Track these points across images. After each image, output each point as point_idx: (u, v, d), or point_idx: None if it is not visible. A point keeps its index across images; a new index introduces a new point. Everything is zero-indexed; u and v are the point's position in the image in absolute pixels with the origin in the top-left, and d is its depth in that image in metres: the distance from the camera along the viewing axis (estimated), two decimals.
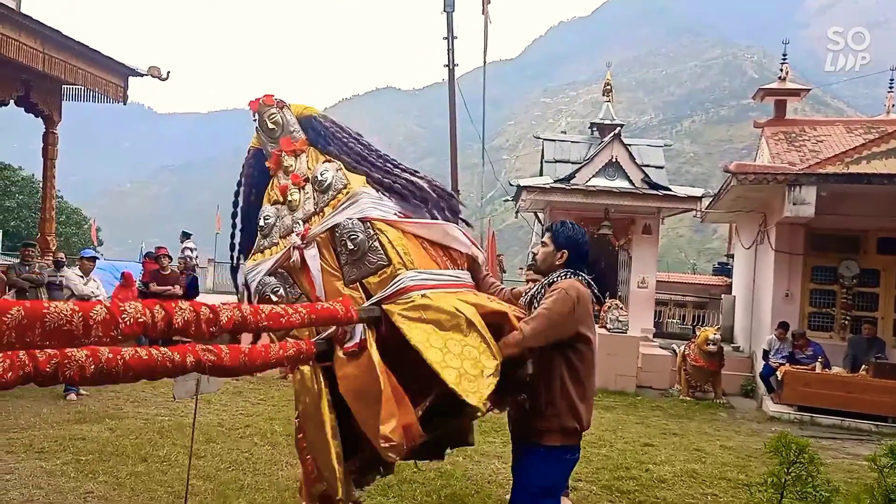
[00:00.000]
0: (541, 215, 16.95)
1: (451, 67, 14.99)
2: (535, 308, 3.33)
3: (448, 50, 14.83)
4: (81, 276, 9.49)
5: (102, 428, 7.38)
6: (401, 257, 3.38)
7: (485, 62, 15.07)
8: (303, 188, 3.79)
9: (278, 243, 3.77)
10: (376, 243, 3.41)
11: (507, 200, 17.76)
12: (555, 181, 14.28)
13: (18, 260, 10.45)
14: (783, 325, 12.00)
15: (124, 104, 11.94)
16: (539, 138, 16.75)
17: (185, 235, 15.16)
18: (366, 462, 3.56)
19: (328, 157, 3.79)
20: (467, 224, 3.95)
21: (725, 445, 8.51)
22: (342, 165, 3.72)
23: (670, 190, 14.24)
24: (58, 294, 9.98)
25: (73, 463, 6.10)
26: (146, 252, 13.76)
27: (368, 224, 3.43)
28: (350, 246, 3.43)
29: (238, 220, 4.14)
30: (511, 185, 15.44)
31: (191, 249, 15.05)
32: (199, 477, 5.88)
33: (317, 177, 3.72)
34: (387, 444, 3.04)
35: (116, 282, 13.59)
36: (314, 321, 3.05)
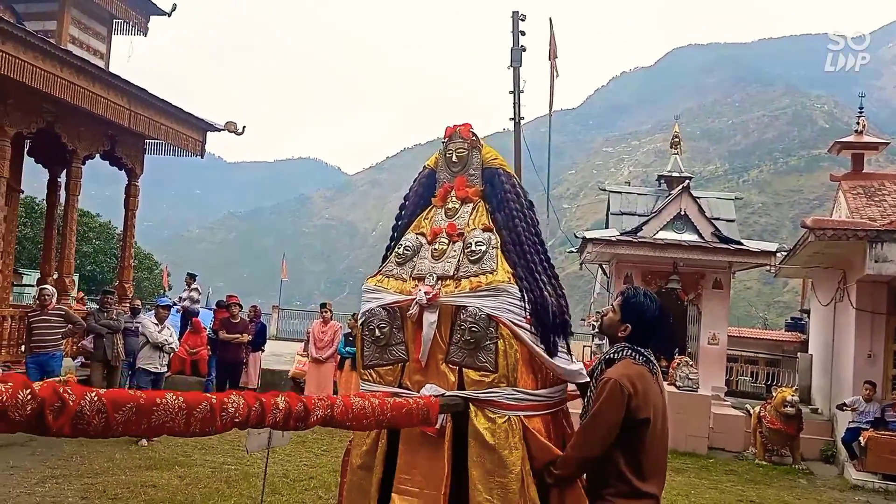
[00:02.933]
0: (606, 267, 16.74)
1: (517, 121, 15.18)
2: (593, 386, 3.33)
3: (514, 104, 15.04)
4: (157, 324, 9.77)
5: (172, 475, 7.49)
6: (507, 370, 3.38)
7: (550, 115, 15.21)
8: (453, 242, 3.72)
9: (406, 280, 3.72)
10: (493, 345, 3.39)
11: (572, 251, 17.61)
12: (621, 234, 14.09)
13: (97, 306, 10.84)
14: (871, 384, 11.39)
15: (202, 157, 12.43)
16: (605, 190, 16.63)
17: (192, 277, 15.40)
18: None
19: (491, 224, 3.72)
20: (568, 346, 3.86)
21: None
22: (499, 243, 3.64)
23: (742, 244, 13.88)
24: (133, 339, 10.29)
25: None
26: (217, 301, 14.09)
27: (494, 324, 3.39)
28: (468, 336, 3.41)
29: (396, 234, 4.09)
30: (576, 236, 15.32)
31: (198, 291, 15.24)
32: None
33: (471, 242, 3.64)
34: None
35: (188, 328, 14.02)
36: (393, 424, 3.11)
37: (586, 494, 3.42)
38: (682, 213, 13.97)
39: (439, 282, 3.61)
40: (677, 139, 16.35)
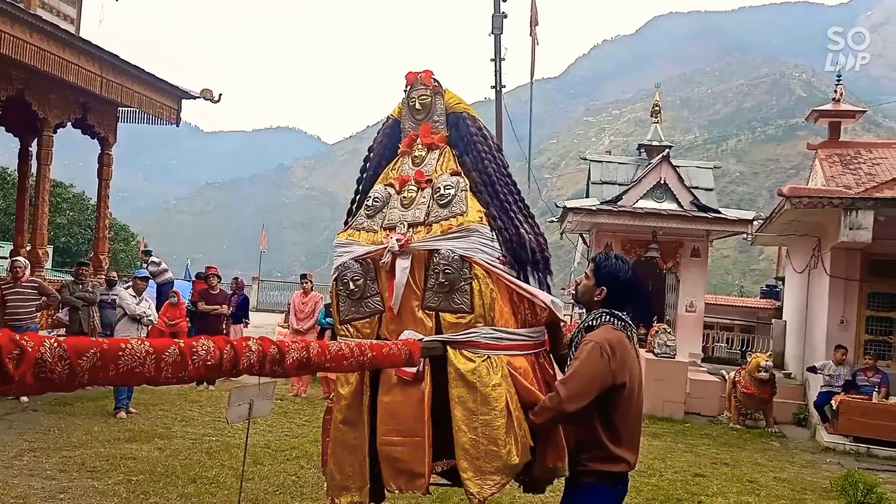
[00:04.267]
0: (586, 236, 16.81)
1: (498, 89, 15.02)
2: (572, 353, 3.34)
3: (496, 72, 14.87)
4: (134, 296, 9.66)
5: (152, 447, 7.46)
6: (483, 310, 3.36)
7: (531, 84, 15.09)
8: (422, 189, 3.68)
9: (377, 232, 3.68)
10: (467, 286, 3.36)
11: (552, 221, 17.64)
12: (601, 203, 14.14)
13: (72, 278, 10.70)
14: (842, 348, 11.59)
15: (177, 126, 12.21)
16: (586, 159, 16.65)
17: (146, 254, 15.29)
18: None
19: (458, 168, 3.68)
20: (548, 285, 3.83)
21: (779, 477, 8.24)
22: (468, 185, 3.61)
23: (720, 212, 13.99)
24: (110, 312, 10.18)
25: (124, 483, 6.17)
26: (196, 273, 13.97)
27: (468, 264, 3.36)
28: (442, 278, 3.38)
29: (362, 188, 4.03)
30: (557, 206, 15.34)
31: (155, 264, 15.07)
32: (247, 500, 5.89)
33: (440, 187, 3.61)
34: (407, 486, 3.40)
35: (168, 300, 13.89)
36: (375, 364, 3.06)
37: (571, 452, 3.45)
38: (662, 182, 14.04)
39: (410, 229, 3.57)
40: (658, 108, 16.34)
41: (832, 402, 11.06)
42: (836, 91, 15.89)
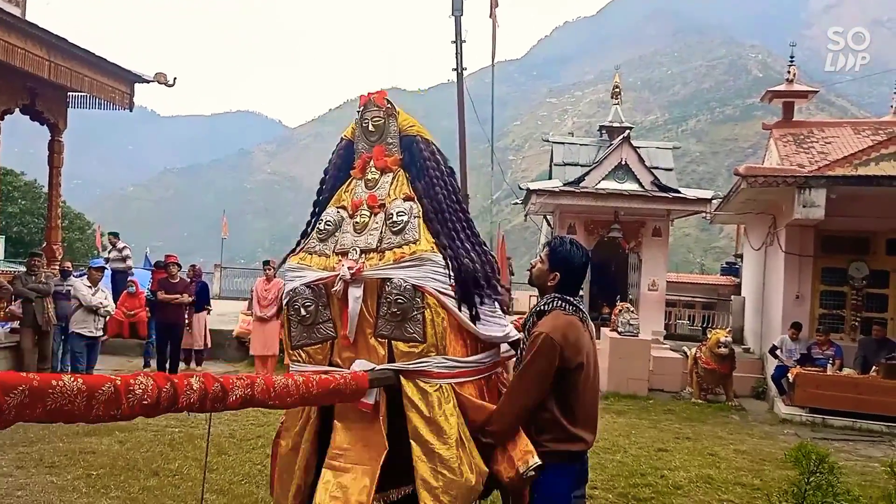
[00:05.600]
0: (550, 218, 16.89)
1: (459, 71, 14.98)
2: (525, 338, 3.38)
3: (457, 54, 14.82)
4: (90, 286, 9.43)
5: (112, 441, 7.32)
6: (436, 339, 3.35)
7: (493, 67, 15.04)
8: (375, 214, 3.62)
9: (329, 256, 3.62)
10: (420, 315, 3.34)
11: (516, 203, 17.68)
12: (564, 184, 14.20)
13: (24, 269, 10.41)
14: (796, 326, 11.90)
15: (130, 111, 11.89)
16: (548, 141, 16.68)
17: (114, 235, 15.04)
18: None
19: (412, 193, 3.63)
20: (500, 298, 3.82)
21: (739, 449, 8.42)
22: (420, 212, 3.56)
23: (680, 192, 14.15)
24: (64, 303, 9.94)
25: (84, 478, 6.04)
26: (156, 262, 13.70)
27: (420, 294, 3.33)
28: (394, 308, 3.35)
29: (318, 210, 3.95)
30: (521, 188, 15.36)
31: (128, 250, 14.96)
32: (212, 490, 5.82)
33: (392, 213, 3.56)
34: None
35: (121, 288, 13.63)
36: (321, 399, 3.04)
37: (531, 435, 3.48)
38: (623, 162, 14.14)
39: (363, 255, 3.52)
40: (618, 89, 16.43)
41: (788, 375, 11.33)
42: (789, 71, 16.13)
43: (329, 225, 3.70)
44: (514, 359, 3.59)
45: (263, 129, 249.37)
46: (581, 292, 5.80)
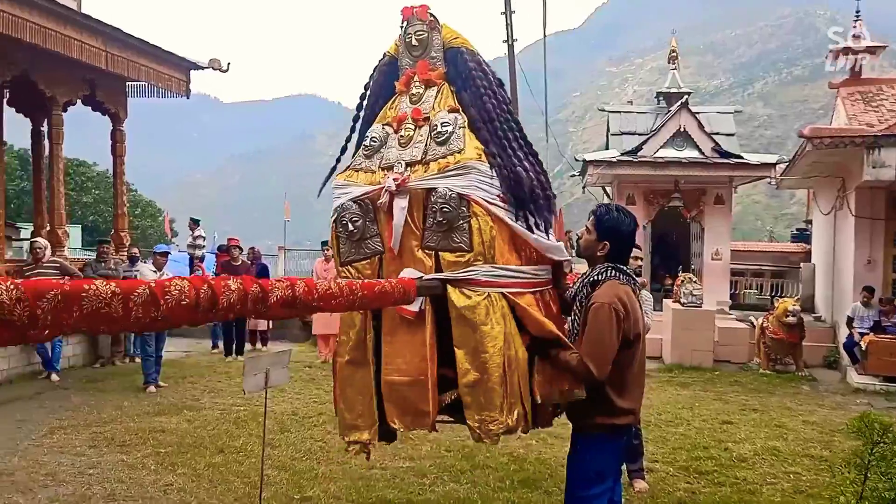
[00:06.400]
0: (609, 189, 16.57)
1: (510, 43, 14.77)
2: (577, 308, 3.31)
3: (506, 25, 14.60)
4: (155, 271, 9.70)
5: (181, 419, 7.55)
6: (483, 248, 3.30)
7: (545, 34, 14.75)
8: (419, 127, 3.59)
9: (375, 172, 3.62)
10: (466, 224, 3.30)
11: (574, 175, 17.39)
12: (621, 154, 13.87)
13: (95, 256, 10.79)
14: (868, 290, 11.36)
15: (187, 98, 12.12)
16: (604, 110, 16.31)
17: (195, 222, 15.37)
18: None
19: (457, 105, 3.58)
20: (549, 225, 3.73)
21: (808, 420, 8.14)
22: (466, 122, 3.50)
23: (742, 158, 13.64)
24: None
25: (153, 455, 6.25)
26: (218, 245, 14.05)
27: (466, 202, 3.29)
28: (439, 217, 3.32)
29: (359, 126, 3.96)
30: (576, 159, 15.08)
31: (203, 238, 15.28)
32: (274, 467, 5.95)
33: (437, 124, 3.51)
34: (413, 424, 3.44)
35: (192, 273, 14.03)
36: (367, 303, 3.00)
37: (568, 418, 3.45)
38: (682, 129, 13.71)
39: (408, 168, 3.50)
40: (675, 54, 15.90)
41: (861, 343, 10.87)
42: (855, 26, 15.29)
43: (374, 141, 3.70)
44: (569, 326, 3.50)
45: (324, 112, 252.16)
46: (640, 262, 5.67)
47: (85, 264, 10.61)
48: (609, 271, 3.27)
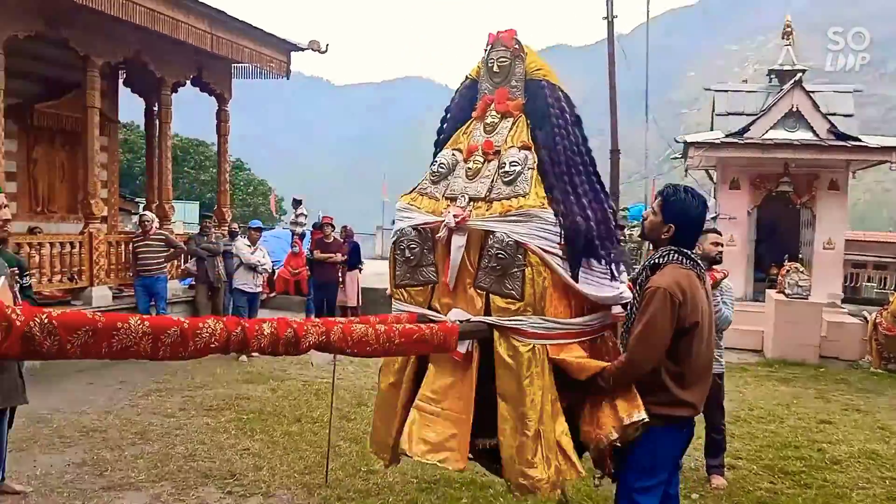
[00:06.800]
0: (713, 173, 15.85)
1: (610, 20, 14.33)
2: (636, 292, 3.18)
3: (607, 1, 14.17)
4: (249, 245, 10.08)
5: (265, 388, 7.84)
6: (534, 299, 3.24)
7: (648, 11, 14.22)
8: (489, 161, 3.54)
9: (439, 200, 3.60)
10: (520, 273, 3.25)
11: (675, 158, 16.74)
12: (726, 136, 13.20)
13: (198, 231, 11.33)
14: None
15: (287, 78, 12.45)
16: (709, 90, 15.56)
17: (297, 203, 15.78)
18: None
19: (529, 142, 3.49)
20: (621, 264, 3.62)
21: None
22: (536, 163, 3.42)
23: (860, 140, 12.68)
24: (230, 261, 10.71)
25: (235, 421, 6.53)
26: (313, 223, 14.47)
27: (522, 251, 3.23)
28: (494, 262, 3.28)
29: (438, 149, 3.93)
30: (676, 140, 14.49)
31: (304, 216, 15.71)
32: (347, 439, 6.07)
33: (506, 162, 3.45)
34: (443, 462, 3.35)
35: (290, 249, 14.55)
36: (404, 350, 3.04)
37: None
38: (794, 109, 12.89)
39: (471, 203, 3.45)
40: (789, 29, 14.90)
41: None
42: None
43: (442, 168, 3.68)
44: (625, 317, 3.38)
45: (432, 94, 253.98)
46: (720, 248, 5.37)
47: (189, 237, 11.14)
48: (671, 255, 3.12)
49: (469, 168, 3.57)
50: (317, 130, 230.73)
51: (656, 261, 3.15)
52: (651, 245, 3.35)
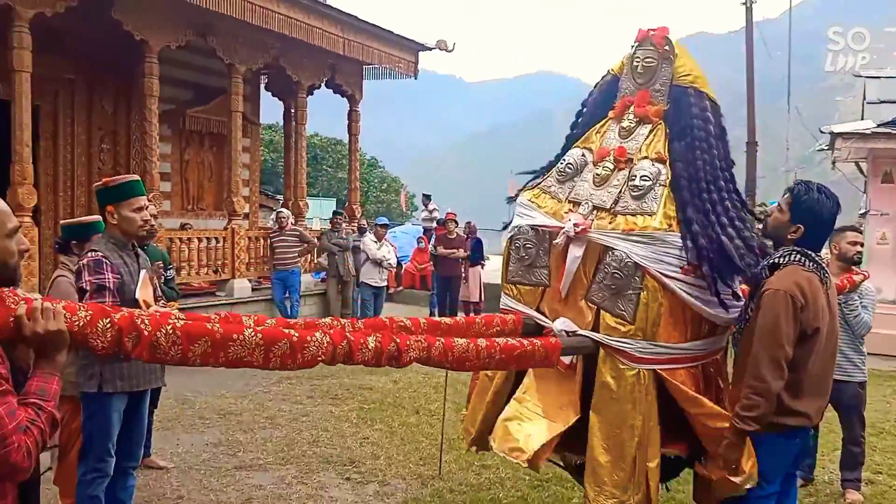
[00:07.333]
0: (863, 166, 14.72)
1: (748, 5, 13.63)
2: (755, 293, 3.01)
3: None
4: (376, 241, 10.44)
5: (388, 380, 8.10)
6: (646, 324, 3.14)
7: None
8: (619, 169, 3.38)
9: (562, 202, 3.51)
10: (635, 296, 3.14)
11: (821, 149, 15.67)
12: (877, 125, 12.22)
13: (329, 227, 11.85)
14: None
15: (415, 78, 12.74)
16: (859, 76, 14.45)
17: (427, 198, 16.01)
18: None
19: (664, 154, 3.33)
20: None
21: None
22: (669, 179, 3.27)
23: None
24: (359, 256, 11.13)
25: (357, 410, 6.81)
26: (437, 219, 14.78)
27: (641, 273, 3.13)
28: (609, 280, 3.20)
29: (567, 145, 3.82)
30: (821, 131, 13.57)
31: (437, 212, 16.04)
32: (462, 431, 6.16)
33: (636, 175, 3.29)
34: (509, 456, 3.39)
35: (416, 245, 14.94)
36: (504, 365, 3.05)
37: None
38: None
39: (594, 212, 3.35)
40: None
41: None
42: None
43: (570, 168, 3.57)
44: (735, 325, 3.24)
45: (563, 88, 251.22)
46: (860, 248, 5.01)
47: (321, 233, 11.67)
48: (793, 255, 2.95)
49: (598, 174, 3.43)
50: (448, 127, 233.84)
51: (776, 260, 2.99)
52: (773, 243, 3.17)
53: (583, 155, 3.58)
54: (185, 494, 4.71)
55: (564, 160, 3.62)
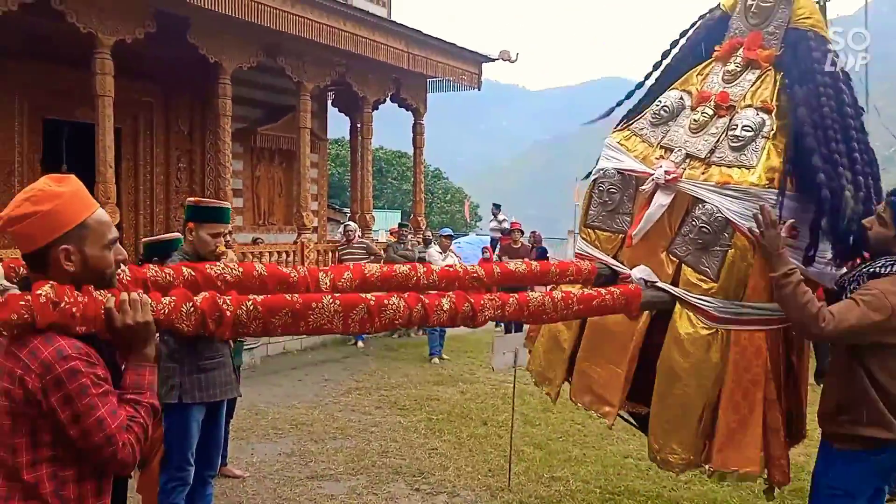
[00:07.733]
0: None
1: (822, 4, 13.21)
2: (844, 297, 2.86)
3: None
4: (440, 252, 10.51)
5: (455, 391, 8.14)
6: (729, 283, 3.00)
7: None
8: (720, 116, 3.17)
9: (653, 146, 3.34)
10: (721, 253, 3.00)
11: None
12: None
13: (395, 239, 12.01)
14: None
15: (479, 89, 12.86)
16: None
17: (497, 207, 16.01)
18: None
19: (771, 104, 3.12)
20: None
21: None
22: (774, 130, 3.05)
23: None
24: None
25: (425, 421, 6.87)
26: (501, 229, 14.77)
27: (731, 230, 2.97)
28: (696, 234, 3.05)
29: (656, 79, 3.67)
30: None
31: (507, 221, 15.96)
32: (531, 444, 6.17)
33: (737, 125, 3.08)
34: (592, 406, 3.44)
35: (480, 256, 14.96)
36: (581, 315, 3.01)
37: (819, 424, 3.04)
38: None
39: (687, 160, 3.17)
40: None
41: None
42: None
43: (665, 111, 3.39)
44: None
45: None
46: None
47: (388, 245, 11.83)
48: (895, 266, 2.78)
49: (695, 119, 3.23)
50: (512, 136, 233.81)
51: (877, 270, 2.83)
52: (870, 255, 2.98)
53: (681, 98, 3.38)
54: (261, 503, 4.85)
55: (660, 102, 3.42)
